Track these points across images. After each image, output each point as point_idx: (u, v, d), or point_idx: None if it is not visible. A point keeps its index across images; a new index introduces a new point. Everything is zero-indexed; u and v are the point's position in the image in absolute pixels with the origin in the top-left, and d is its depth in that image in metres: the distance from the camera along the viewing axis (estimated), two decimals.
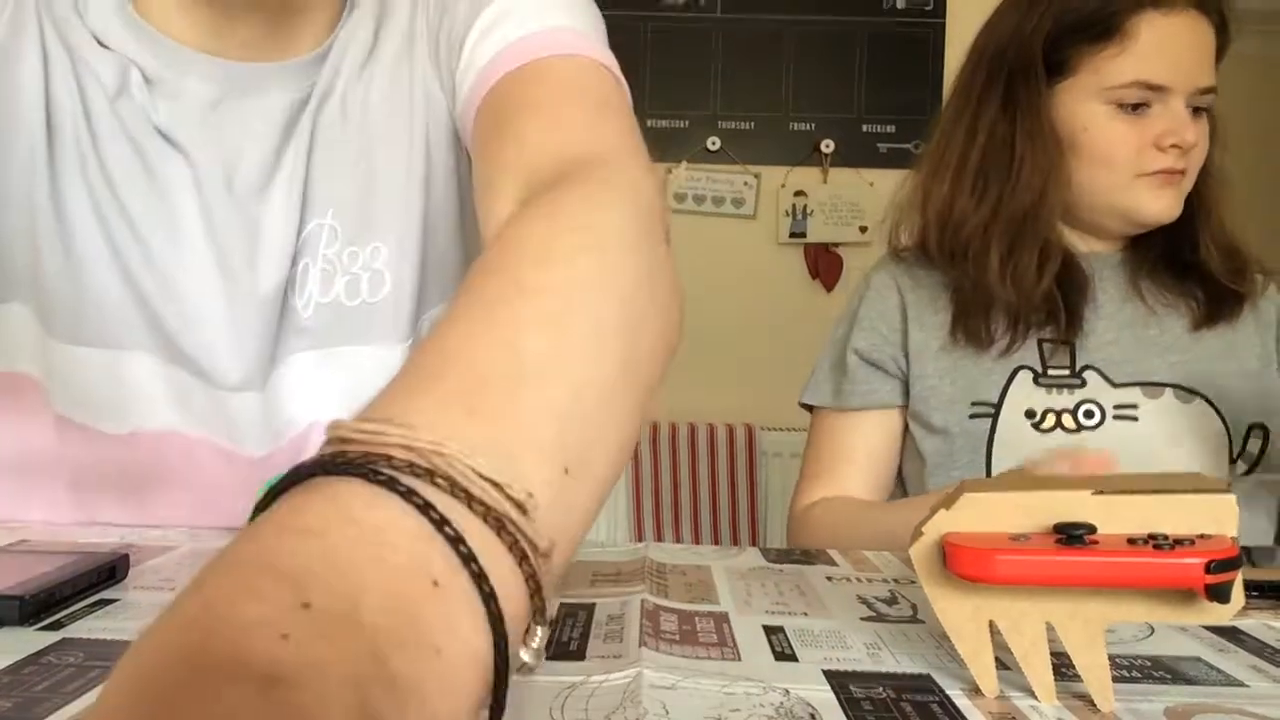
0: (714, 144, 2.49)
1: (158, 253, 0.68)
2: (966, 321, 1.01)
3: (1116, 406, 0.98)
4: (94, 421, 0.71)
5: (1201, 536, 0.41)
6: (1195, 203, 1.01)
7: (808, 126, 2.49)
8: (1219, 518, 0.42)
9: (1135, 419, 0.97)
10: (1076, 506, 0.42)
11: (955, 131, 1.04)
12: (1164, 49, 0.96)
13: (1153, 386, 0.98)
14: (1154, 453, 0.96)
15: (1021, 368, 1.00)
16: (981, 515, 0.43)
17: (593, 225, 0.43)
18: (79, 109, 0.67)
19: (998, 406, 0.99)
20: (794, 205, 2.50)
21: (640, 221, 0.46)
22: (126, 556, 0.55)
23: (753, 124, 2.49)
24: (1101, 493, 0.43)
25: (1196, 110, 0.98)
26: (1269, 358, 1.02)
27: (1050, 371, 0.99)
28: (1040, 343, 1.00)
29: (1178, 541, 0.40)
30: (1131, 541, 0.41)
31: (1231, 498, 0.42)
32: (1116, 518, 0.42)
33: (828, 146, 2.48)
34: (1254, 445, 0.97)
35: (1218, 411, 0.98)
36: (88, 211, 0.67)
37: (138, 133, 0.68)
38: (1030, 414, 0.98)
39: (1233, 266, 1.01)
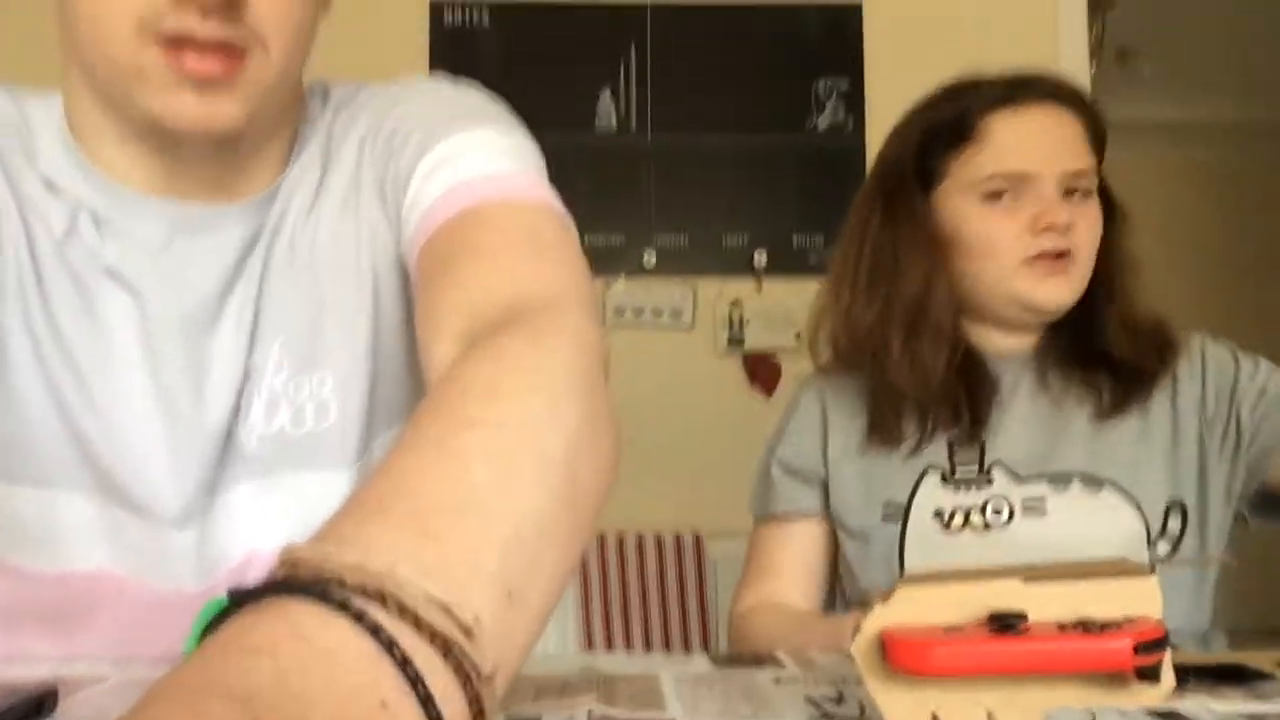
0: (650, 259, 2.55)
1: (99, 392, 0.68)
2: (879, 421, 1.04)
3: (1024, 500, 0.98)
4: (25, 561, 0.69)
5: (1128, 619, 0.43)
6: (1100, 290, 1.03)
7: (741, 240, 2.56)
8: (1143, 600, 0.43)
9: (1044, 512, 0.98)
10: (1008, 595, 0.44)
11: (849, 246, 1.09)
12: (1020, 141, 1.01)
13: (1058, 478, 0.99)
14: (1065, 547, 0.96)
15: (930, 468, 1.01)
16: (918, 609, 0.45)
17: (539, 367, 0.45)
18: (25, 253, 0.67)
19: (907, 508, 1.00)
20: (730, 315, 2.55)
21: (583, 363, 0.48)
22: (55, 690, 0.54)
23: (687, 239, 2.55)
24: (1031, 580, 0.44)
25: (1075, 193, 1.01)
26: (1188, 419, 1.01)
27: (958, 470, 1.01)
28: (950, 443, 1.02)
29: (1106, 625, 0.42)
30: (1062, 627, 0.42)
31: (1153, 580, 0.44)
32: (1047, 605, 0.44)
33: (761, 258, 2.55)
34: (1174, 524, 0.98)
35: (1129, 496, 0.98)
36: (29, 353, 0.67)
37: (84, 273, 0.68)
38: (939, 514, 1.00)
39: (1143, 348, 1.02)
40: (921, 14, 2.56)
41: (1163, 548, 0.98)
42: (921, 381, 1.01)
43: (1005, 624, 0.42)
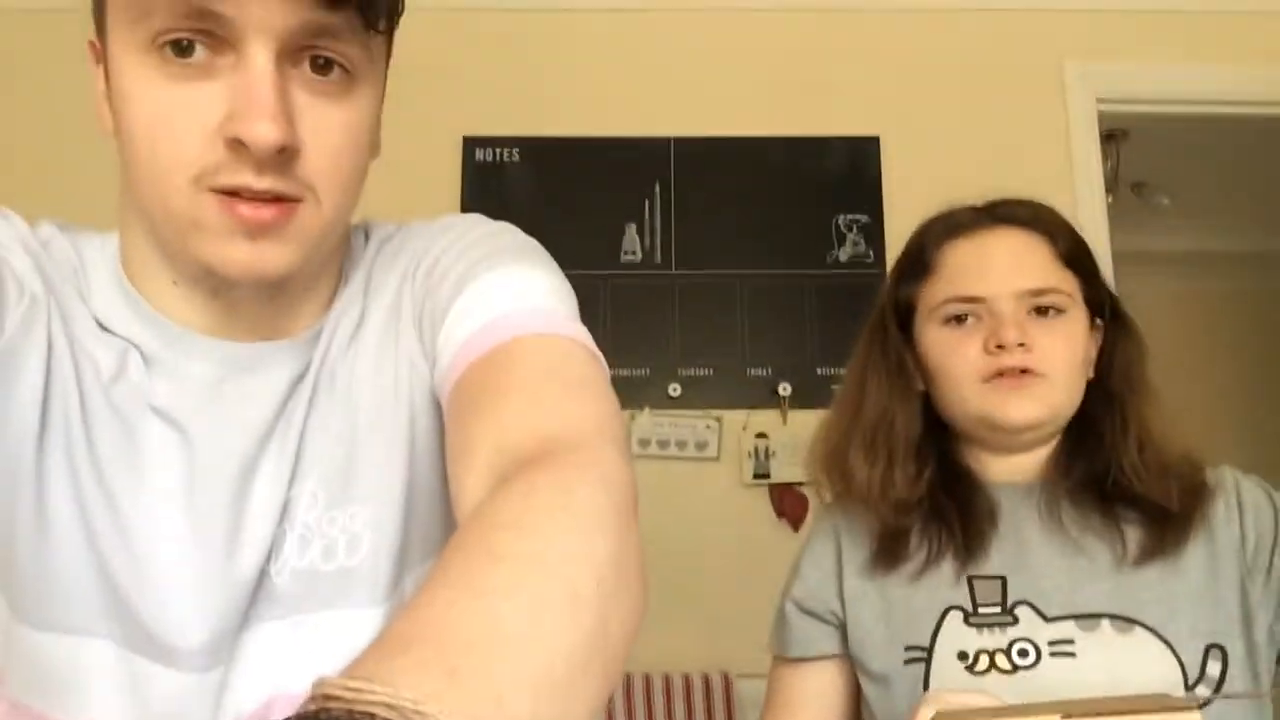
0: (675, 390, 2.56)
1: (135, 532, 0.68)
2: (883, 542, 1.03)
3: (1051, 643, 0.94)
4: (47, 709, 0.68)
5: None
6: (1111, 417, 1.02)
7: (764, 371, 2.57)
8: None
9: (1072, 654, 0.93)
10: None
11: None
12: (971, 267, 1.03)
13: (1087, 619, 0.95)
14: (1097, 690, 0.90)
15: (952, 608, 0.98)
16: None
17: (569, 504, 0.45)
18: (74, 395, 0.67)
19: (929, 650, 0.97)
20: (756, 447, 2.54)
21: (613, 501, 0.48)
22: None
23: (712, 370, 2.57)
24: (1070, 716, 0.43)
25: (1046, 312, 1.01)
26: (1228, 563, 0.95)
27: (981, 610, 0.98)
28: (970, 580, 0.99)
29: None
30: None
31: (1197, 714, 0.42)
32: None
33: (785, 389, 2.56)
34: (1213, 668, 0.92)
35: (1162, 639, 0.92)
36: (68, 493, 0.67)
37: (131, 414, 0.68)
38: (963, 656, 0.96)
39: (1168, 486, 0.97)
40: (937, 147, 2.63)
41: (1203, 691, 0.92)
42: (892, 501, 1.02)
43: None
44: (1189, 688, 0.91)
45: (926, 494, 1.03)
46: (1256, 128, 3.03)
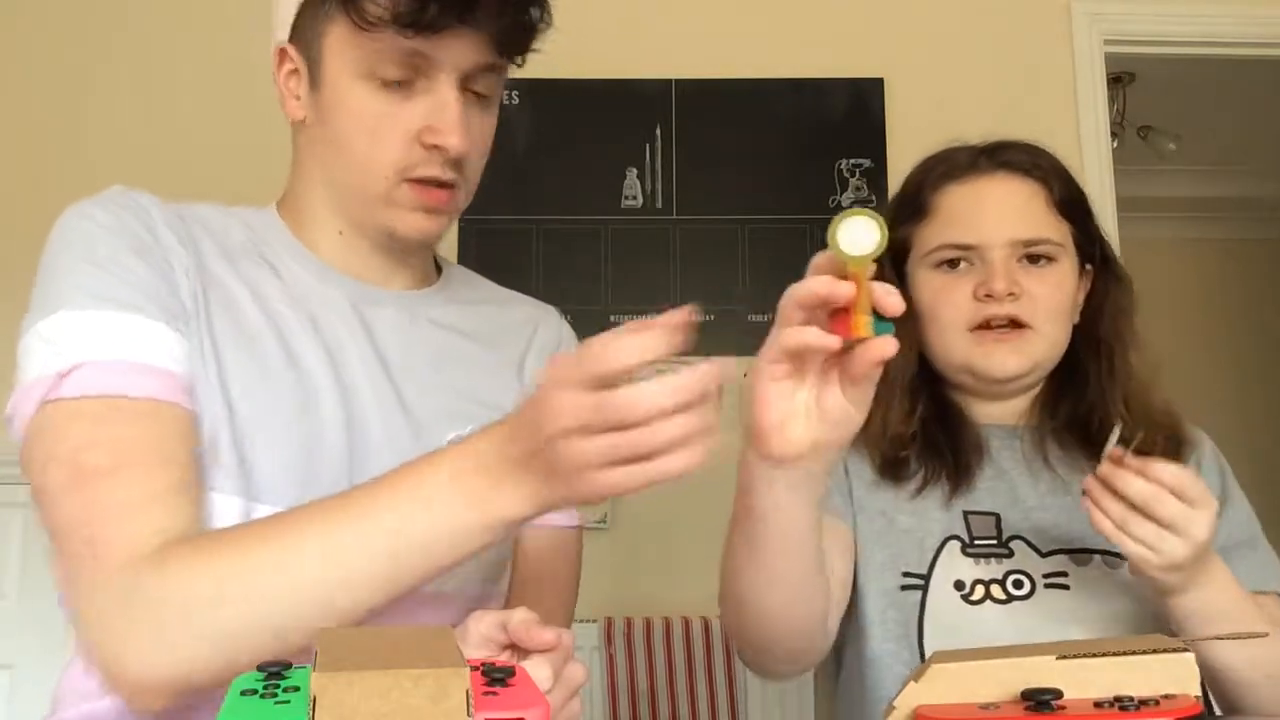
0: None
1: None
2: (886, 465, 1.03)
3: (1045, 575, 0.98)
4: None
5: (1166, 696, 0.42)
6: (1098, 364, 1.04)
7: (765, 318, 2.57)
8: (1180, 677, 0.42)
9: (1066, 586, 0.97)
10: (1043, 672, 0.43)
11: None
12: (965, 213, 1.04)
13: (1080, 554, 0.99)
14: (1087, 620, 0.95)
15: (951, 538, 1.01)
16: (951, 686, 0.44)
17: None
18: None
19: (927, 578, 0.99)
20: None
21: None
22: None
23: (713, 316, 2.57)
24: (1065, 657, 0.43)
25: (1037, 260, 1.02)
26: None
27: (977, 541, 1.00)
28: (965, 515, 1.02)
29: (1143, 702, 0.41)
30: (1098, 705, 0.41)
31: (1191, 656, 0.43)
32: (1082, 682, 0.43)
33: None
34: None
35: None
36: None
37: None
38: (959, 585, 0.99)
39: (1154, 435, 0.98)
40: (941, 90, 2.59)
41: None
42: (889, 437, 1.03)
43: (1040, 701, 0.41)
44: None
45: (920, 428, 1.04)
46: (1267, 70, 2.99)
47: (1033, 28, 2.65)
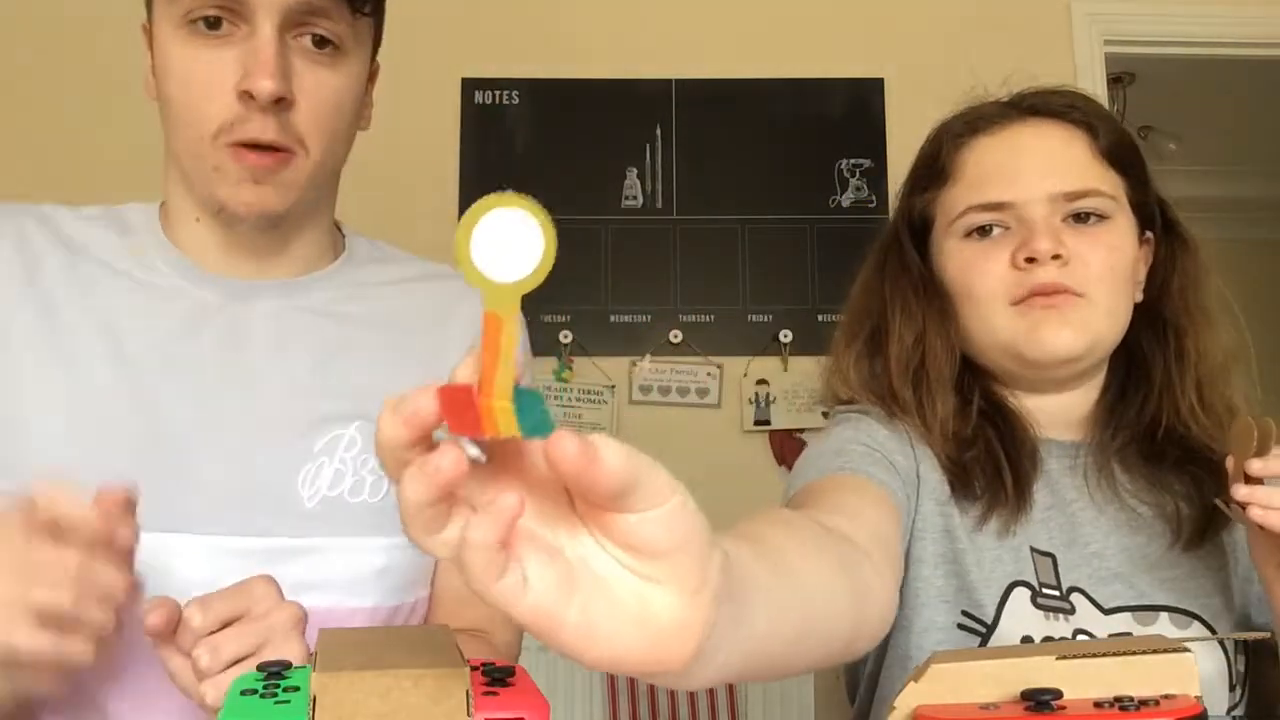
0: (676, 337, 2.56)
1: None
2: (956, 477, 0.87)
3: (1110, 637, 0.83)
4: None
5: (1166, 696, 0.42)
6: (1166, 346, 0.89)
7: (765, 318, 2.57)
8: (1180, 677, 0.42)
9: None
10: (1043, 672, 0.43)
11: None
12: (996, 168, 0.88)
13: (1145, 611, 0.84)
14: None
15: (1019, 583, 0.85)
16: (951, 686, 0.44)
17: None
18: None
19: (991, 627, 0.84)
20: (757, 394, 2.55)
21: None
22: None
23: (713, 317, 2.57)
24: (1065, 657, 0.43)
25: (1087, 218, 0.86)
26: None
27: (1044, 591, 0.85)
28: (1033, 553, 0.86)
29: (1143, 702, 0.41)
30: (1098, 705, 0.41)
31: (1190, 656, 0.43)
32: (1082, 682, 0.43)
33: (786, 336, 2.56)
34: (1242, 662, 0.85)
35: (1213, 632, 0.84)
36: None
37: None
38: (1028, 641, 0.82)
39: (1218, 438, 0.85)
40: (941, 90, 2.58)
41: (1237, 693, 0.85)
42: (938, 432, 0.87)
43: (1040, 702, 0.41)
44: (1231, 687, 0.84)
45: (978, 431, 0.88)
46: (1267, 70, 2.99)
47: (1033, 28, 2.65)
